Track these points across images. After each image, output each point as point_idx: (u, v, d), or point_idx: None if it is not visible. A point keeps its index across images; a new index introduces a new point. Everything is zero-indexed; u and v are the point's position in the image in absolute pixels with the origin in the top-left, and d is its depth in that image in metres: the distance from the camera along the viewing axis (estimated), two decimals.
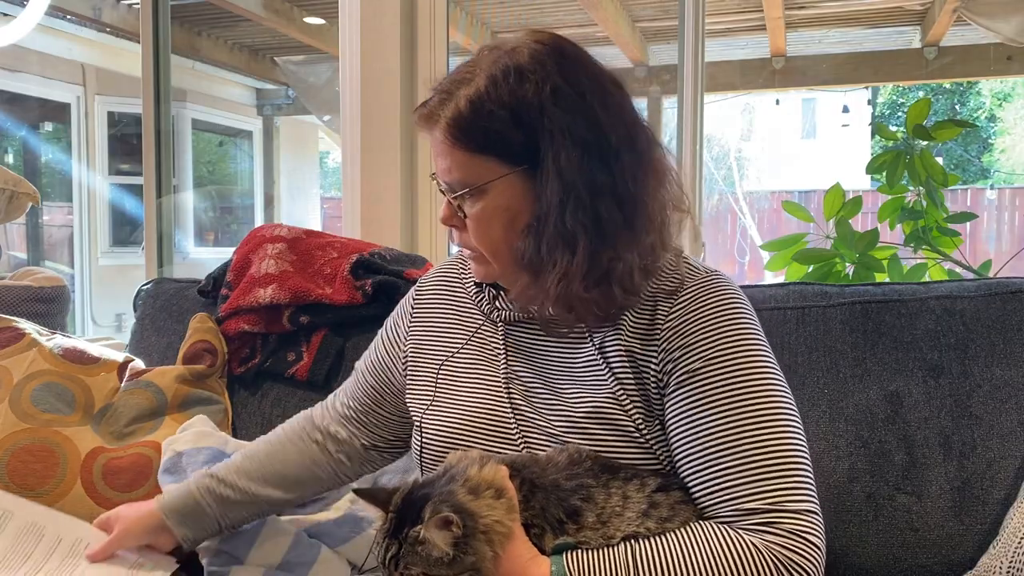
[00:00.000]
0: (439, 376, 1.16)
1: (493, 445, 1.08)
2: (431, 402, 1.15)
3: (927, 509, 1.29)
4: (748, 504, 0.93)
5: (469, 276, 1.19)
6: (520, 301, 1.08)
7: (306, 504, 1.41)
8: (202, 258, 6.31)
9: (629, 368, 1.03)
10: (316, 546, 1.36)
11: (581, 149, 0.99)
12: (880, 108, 11.78)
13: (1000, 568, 1.17)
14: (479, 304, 1.16)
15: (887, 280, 2.86)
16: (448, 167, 1.04)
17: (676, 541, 0.93)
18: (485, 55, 1.03)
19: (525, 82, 0.99)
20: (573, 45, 1.05)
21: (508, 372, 1.10)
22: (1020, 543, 1.17)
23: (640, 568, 0.91)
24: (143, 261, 2.95)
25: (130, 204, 6.21)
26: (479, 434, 1.09)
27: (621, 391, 1.03)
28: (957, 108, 11.43)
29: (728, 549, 0.91)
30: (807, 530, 0.91)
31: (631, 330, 1.05)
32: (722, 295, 1.04)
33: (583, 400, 1.04)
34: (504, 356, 1.11)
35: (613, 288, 1.00)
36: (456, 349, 1.16)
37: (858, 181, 8.91)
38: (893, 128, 3.31)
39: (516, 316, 1.11)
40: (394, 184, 2.29)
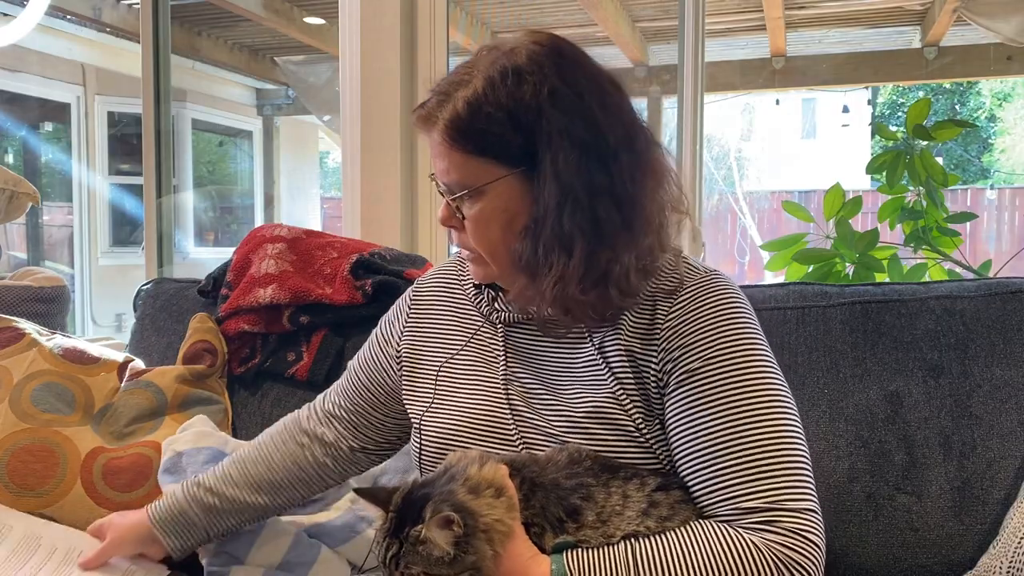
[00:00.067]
0: (438, 378, 1.16)
1: (492, 447, 1.07)
2: (430, 404, 1.15)
3: (927, 509, 1.29)
4: (748, 503, 0.93)
5: (468, 278, 1.19)
6: (518, 302, 1.08)
7: (306, 504, 1.41)
8: (202, 258, 6.31)
9: (629, 368, 1.03)
10: (316, 546, 1.36)
11: (579, 151, 0.98)
12: (880, 108, 11.78)
13: (1000, 568, 1.17)
14: (478, 306, 1.16)
15: (887, 280, 2.86)
16: (446, 168, 1.03)
17: (676, 540, 0.93)
18: (483, 56, 1.03)
19: (523, 84, 0.99)
20: (571, 45, 1.05)
21: (507, 373, 1.10)
22: (1020, 543, 1.17)
23: (640, 566, 0.91)
24: (143, 261, 2.95)
25: (130, 204, 6.21)
26: (478, 436, 1.09)
27: (621, 391, 1.03)
28: (957, 108, 11.43)
29: (728, 548, 0.91)
30: (807, 529, 0.91)
31: (631, 330, 1.05)
32: (721, 295, 1.04)
33: (583, 400, 1.04)
34: (503, 357, 1.11)
35: (610, 290, 1.00)
36: (455, 351, 1.16)
37: (858, 181, 8.91)
38: (893, 128, 3.31)
39: (515, 317, 1.11)
40: (394, 184, 2.29)
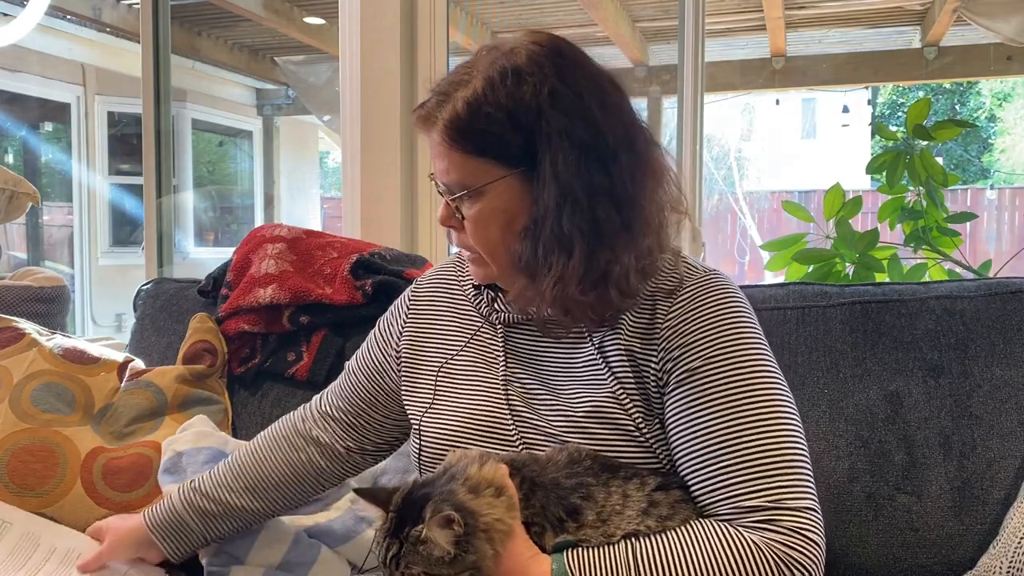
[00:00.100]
0: (438, 378, 1.16)
1: (491, 447, 1.07)
2: (430, 404, 1.15)
3: (927, 509, 1.29)
4: (748, 502, 0.93)
5: (467, 278, 1.19)
6: (518, 303, 1.08)
7: (306, 504, 1.41)
8: (202, 258, 6.31)
9: (629, 367, 1.03)
10: (316, 546, 1.36)
11: (579, 151, 0.98)
12: (880, 108, 11.78)
13: (1000, 568, 1.17)
14: (477, 306, 1.16)
15: (887, 280, 2.86)
16: (446, 168, 1.03)
17: (677, 539, 0.93)
18: (483, 56, 1.03)
19: (523, 84, 0.99)
20: (571, 46, 1.05)
21: (507, 375, 1.10)
22: (1020, 543, 1.17)
23: (641, 565, 0.91)
24: (143, 261, 2.95)
25: (130, 204, 6.21)
26: (477, 436, 1.09)
27: (621, 390, 1.03)
28: (957, 108, 11.43)
29: (729, 546, 0.91)
30: (807, 527, 0.91)
31: (631, 329, 1.05)
32: (721, 294, 1.04)
33: (583, 400, 1.04)
34: (503, 358, 1.11)
35: (610, 291, 1.00)
36: (455, 351, 1.16)
37: (858, 181, 8.91)
38: (893, 128, 3.31)
39: (515, 318, 1.11)
40: (394, 184, 2.29)
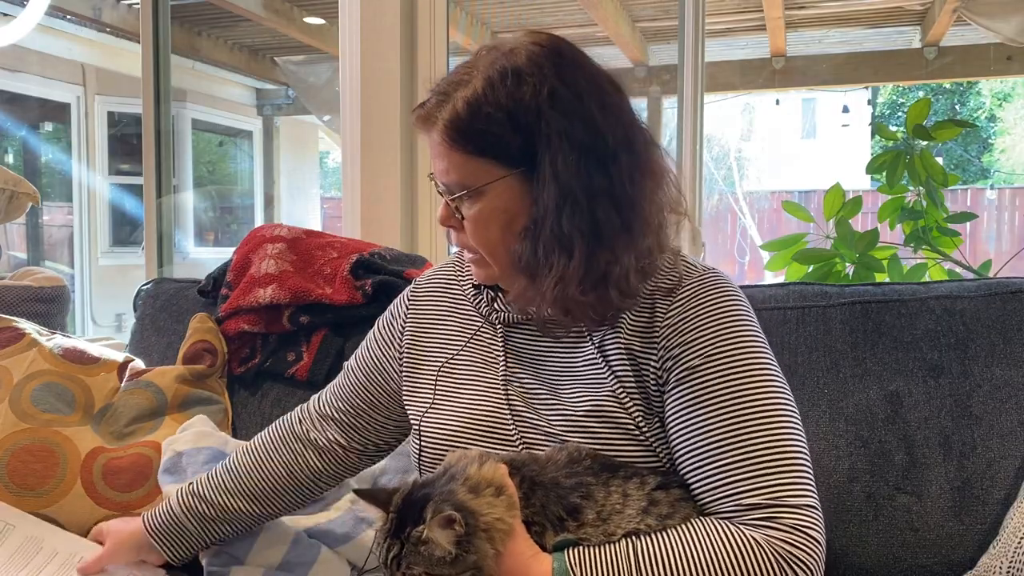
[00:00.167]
0: (438, 378, 1.16)
1: (491, 446, 1.07)
2: (430, 404, 1.15)
3: (927, 509, 1.29)
4: (748, 499, 0.93)
5: (467, 278, 1.19)
6: (518, 303, 1.08)
7: (306, 505, 1.41)
8: (202, 258, 6.31)
9: (629, 366, 1.03)
10: (316, 546, 1.36)
11: (578, 152, 0.98)
12: (880, 108, 11.78)
13: (1000, 568, 1.17)
14: (477, 306, 1.16)
15: (887, 280, 2.86)
16: (446, 168, 1.03)
17: (677, 537, 0.93)
18: (483, 56, 1.03)
19: (522, 84, 0.99)
20: (571, 46, 1.05)
21: (507, 374, 1.10)
22: (1020, 543, 1.17)
23: (641, 563, 0.91)
24: (143, 261, 2.95)
25: (130, 204, 6.21)
26: (477, 436, 1.09)
27: (621, 389, 1.03)
28: (957, 108, 11.43)
29: (729, 544, 0.91)
30: (808, 525, 0.91)
31: (630, 329, 1.05)
32: (720, 292, 1.04)
33: (583, 399, 1.04)
34: (503, 358, 1.11)
35: (610, 291, 1.00)
36: (455, 351, 1.16)
37: (858, 181, 8.91)
38: (893, 128, 3.31)
39: (515, 318, 1.11)
40: (394, 184, 2.29)
